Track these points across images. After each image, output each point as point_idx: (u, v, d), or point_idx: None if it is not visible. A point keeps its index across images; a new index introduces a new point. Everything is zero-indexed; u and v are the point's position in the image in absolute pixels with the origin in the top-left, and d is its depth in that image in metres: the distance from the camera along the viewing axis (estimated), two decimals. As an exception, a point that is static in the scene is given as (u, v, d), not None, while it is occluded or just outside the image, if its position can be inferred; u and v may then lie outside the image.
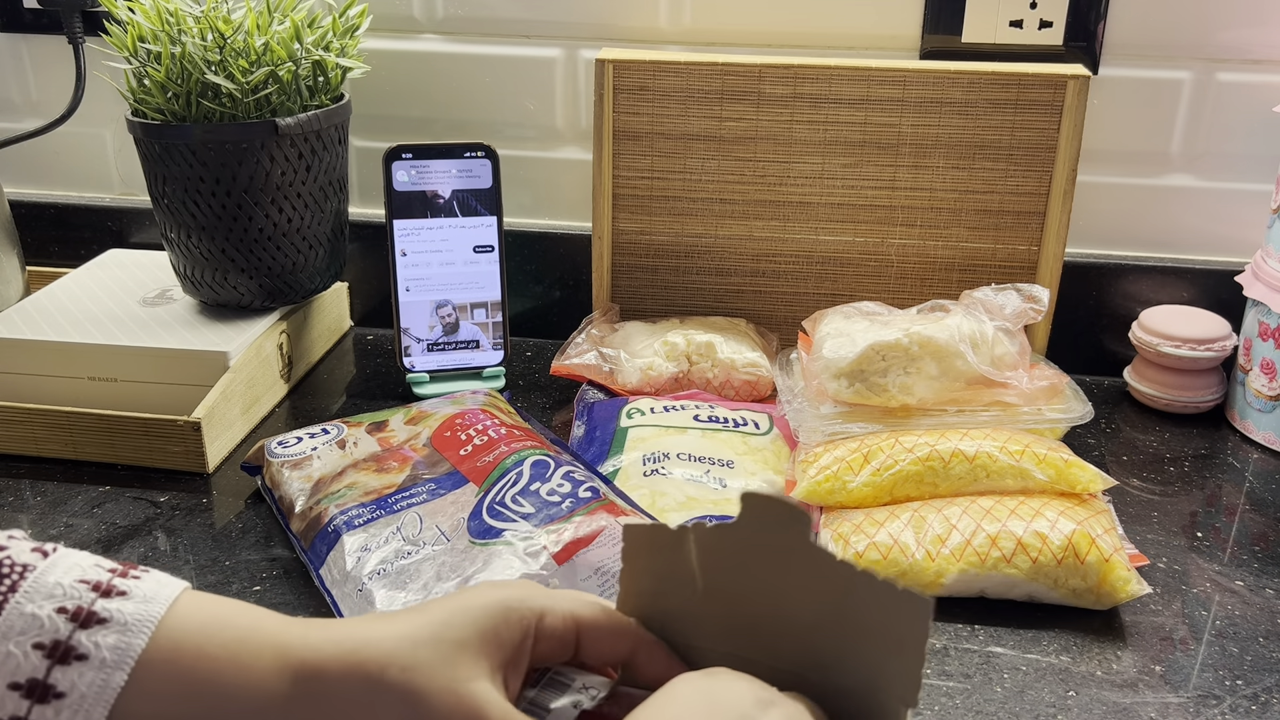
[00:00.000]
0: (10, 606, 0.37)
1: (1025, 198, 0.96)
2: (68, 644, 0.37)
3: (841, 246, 0.99)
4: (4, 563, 0.39)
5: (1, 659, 0.37)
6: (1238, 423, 0.94)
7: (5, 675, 0.37)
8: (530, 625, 0.44)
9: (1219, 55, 0.97)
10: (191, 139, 0.88)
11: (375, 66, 1.06)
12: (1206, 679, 0.65)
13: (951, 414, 0.82)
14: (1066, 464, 0.75)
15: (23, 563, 0.39)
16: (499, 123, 1.08)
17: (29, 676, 0.37)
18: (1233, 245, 1.02)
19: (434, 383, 0.98)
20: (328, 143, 0.94)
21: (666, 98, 0.96)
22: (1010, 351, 0.84)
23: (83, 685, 0.37)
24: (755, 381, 0.93)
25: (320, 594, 0.70)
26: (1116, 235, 1.03)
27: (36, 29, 1.11)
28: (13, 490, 0.83)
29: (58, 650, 0.37)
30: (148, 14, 0.89)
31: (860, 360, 0.81)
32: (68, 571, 0.39)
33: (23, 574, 0.38)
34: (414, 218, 0.96)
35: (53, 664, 0.37)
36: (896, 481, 0.75)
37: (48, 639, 0.37)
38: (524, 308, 1.10)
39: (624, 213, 1.00)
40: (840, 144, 0.96)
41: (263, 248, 0.94)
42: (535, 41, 1.05)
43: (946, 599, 0.71)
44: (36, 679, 0.37)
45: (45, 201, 1.17)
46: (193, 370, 0.90)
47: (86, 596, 0.38)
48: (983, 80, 0.93)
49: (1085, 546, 0.69)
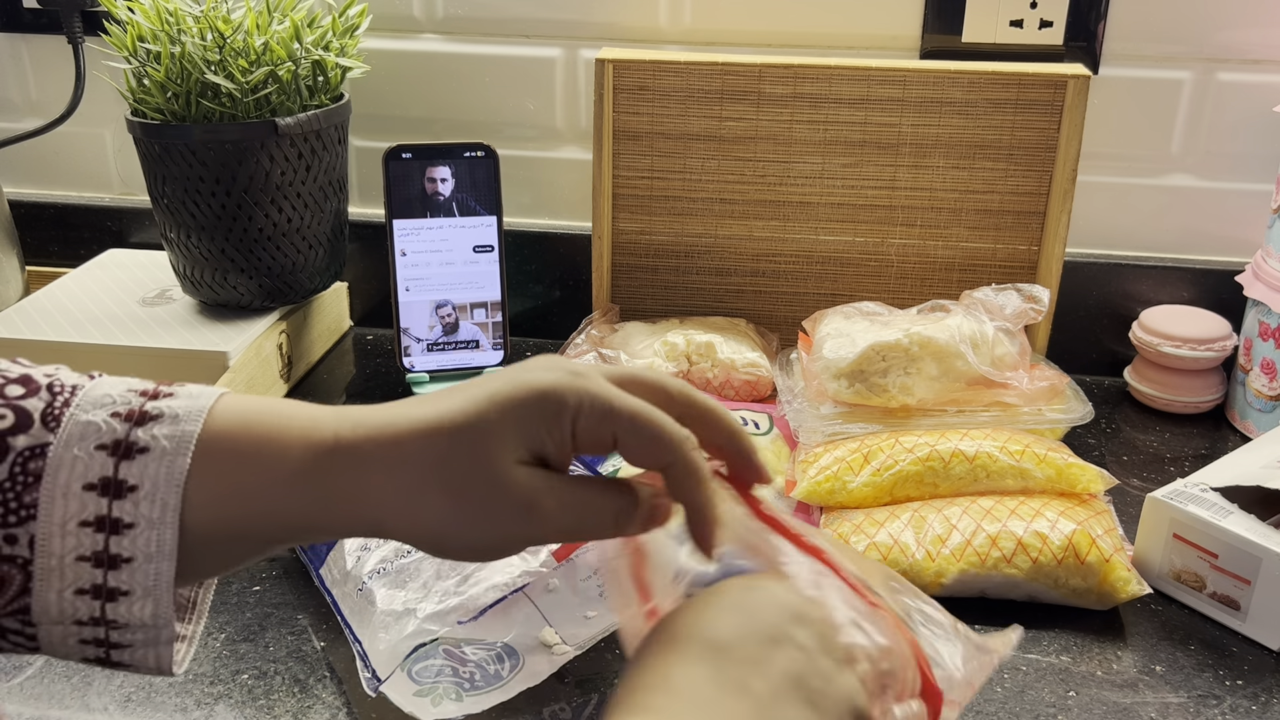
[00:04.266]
0: (68, 416, 0.40)
1: (1025, 198, 0.96)
2: (128, 441, 0.40)
3: (841, 246, 0.99)
4: (55, 384, 0.42)
5: (70, 465, 0.39)
6: (1238, 423, 0.94)
7: (78, 478, 0.39)
8: (566, 420, 0.43)
9: (1219, 55, 0.97)
10: (191, 139, 0.88)
11: (375, 66, 1.06)
12: (1206, 679, 0.65)
13: (951, 414, 0.82)
14: (1066, 464, 0.75)
15: (72, 383, 0.42)
16: (499, 123, 1.08)
17: (100, 475, 0.39)
18: (1233, 245, 1.02)
19: (434, 383, 0.98)
20: (327, 143, 0.94)
21: (666, 98, 0.96)
22: (1010, 352, 0.84)
23: (151, 474, 0.39)
24: (755, 381, 0.93)
25: (320, 594, 0.70)
26: (1116, 235, 1.03)
27: (36, 29, 1.11)
28: (12, 490, 0.83)
29: (119, 448, 0.40)
30: (147, 14, 0.89)
31: (860, 360, 0.81)
32: (114, 385, 0.42)
33: (74, 391, 0.41)
34: (414, 218, 0.96)
35: (118, 460, 0.39)
36: (896, 482, 0.75)
37: (108, 439, 0.40)
38: (524, 308, 1.10)
39: (624, 213, 1.00)
40: (840, 144, 0.96)
41: (262, 248, 0.94)
42: (535, 41, 1.05)
43: (947, 599, 0.70)
44: (108, 476, 0.39)
45: (45, 201, 1.16)
46: (193, 370, 0.90)
47: (136, 401, 0.41)
48: (983, 80, 0.93)
49: (1085, 547, 0.69)
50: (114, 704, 0.62)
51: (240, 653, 0.67)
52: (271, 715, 0.62)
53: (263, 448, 0.41)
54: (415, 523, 0.42)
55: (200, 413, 0.41)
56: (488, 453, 0.41)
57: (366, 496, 0.41)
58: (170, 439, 0.40)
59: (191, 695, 0.63)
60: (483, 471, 0.41)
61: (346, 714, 0.62)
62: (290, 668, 0.65)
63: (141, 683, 0.64)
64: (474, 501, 0.41)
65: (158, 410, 0.41)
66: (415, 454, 0.41)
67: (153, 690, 0.63)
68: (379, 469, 0.41)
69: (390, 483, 0.41)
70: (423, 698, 0.58)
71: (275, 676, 0.65)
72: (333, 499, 0.41)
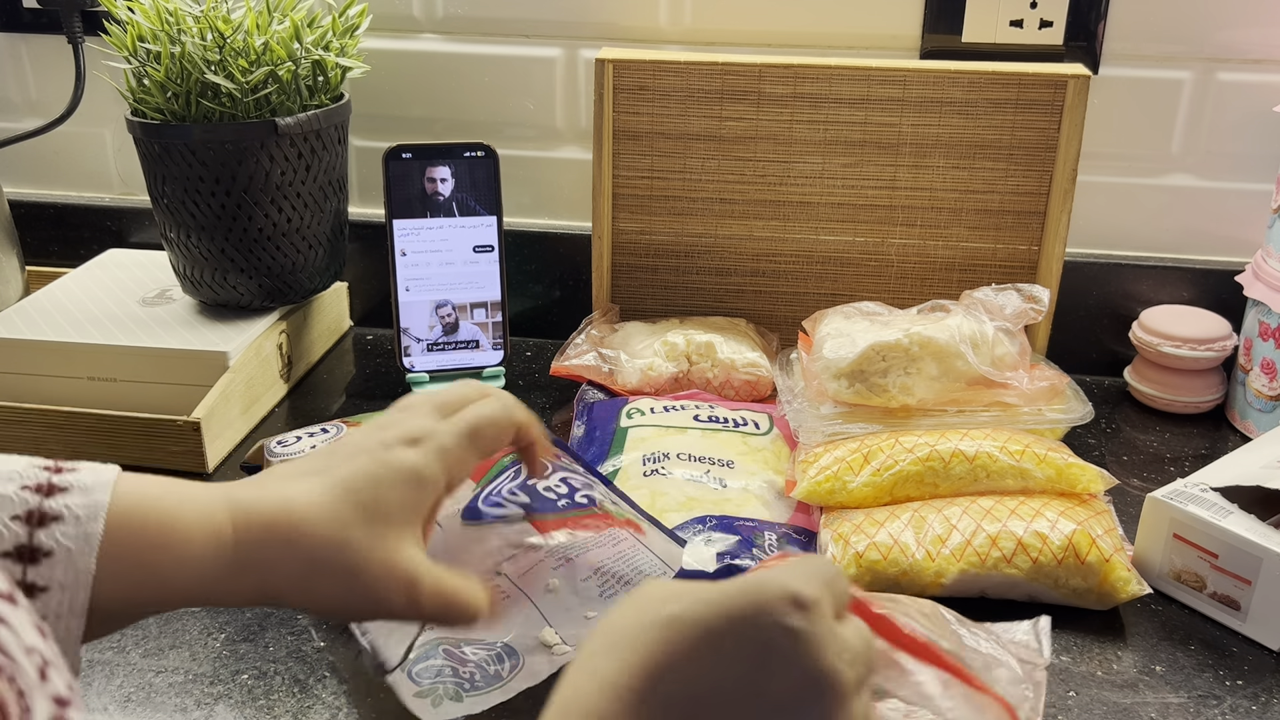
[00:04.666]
0: None
1: (1025, 198, 0.96)
2: (40, 510, 0.42)
3: (842, 246, 0.99)
4: None
5: None
6: (1238, 423, 0.94)
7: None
8: (440, 487, 0.50)
9: (1219, 55, 0.97)
10: (191, 139, 0.88)
11: (375, 66, 1.06)
12: (1206, 679, 0.65)
13: (951, 414, 0.82)
14: (1066, 464, 0.75)
15: None
16: (499, 123, 1.08)
17: (15, 544, 0.42)
18: (1233, 245, 1.02)
19: (434, 383, 0.98)
20: (327, 142, 0.94)
21: (666, 98, 0.96)
22: (1010, 352, 0.84)
23: (65, 540, 0.42)
24: (755, 381, 0.93)
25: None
26: (1116, 235, 1.03)
27: (36, 29, 1.11)
28: (12, 490, 0.83)
29: (33, 518, 0.42)
30: (147, 14, 0.89)
31: (860, 360, 0.81)
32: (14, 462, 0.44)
33: None
34: (414, 217, 0.96)
35: (32, 529, 0.42)
36: (896, 482, 0.75)
37: (21, 510, 0.42)
38: (524, 308, 1.10)
39: (624, 213, 1.00)
40: (840, 144, 0.96)
41: (262, 248, 0.94)
42: (535, 41, 1.05)
43: (947, 599, 0.70)
44: (23, 544, 0.42)
45: (45, 201, 1.16)
46: (192, 370, 0.90)
47: (43, 475, 0.43)
48: (983, 80, 0.93)
49: (1085, 547, 0.69)
50: (114, 704, 0.62)
51: (240, 653, 0.67)
52: (271, 715, 0.62)
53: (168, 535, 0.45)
54: (311, 598, 0.47)
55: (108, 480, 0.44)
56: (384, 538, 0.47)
57: (265, 583, 0.46)
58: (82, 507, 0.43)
59: (191, 695, 0.63)
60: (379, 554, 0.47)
61: (346, 714, 0.62)
62: (290, 668, 0.65)
63: (141, 683, 0.64)
64: (367, 580, 0.47)
65: (66, 483, 0.43)
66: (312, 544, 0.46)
67: (153, 690, 0.63)
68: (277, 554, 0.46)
69: (288, 566, 0.46)
70: (423, 698, 0.58)
71: (275, 676, 0.65)
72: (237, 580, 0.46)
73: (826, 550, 0.73)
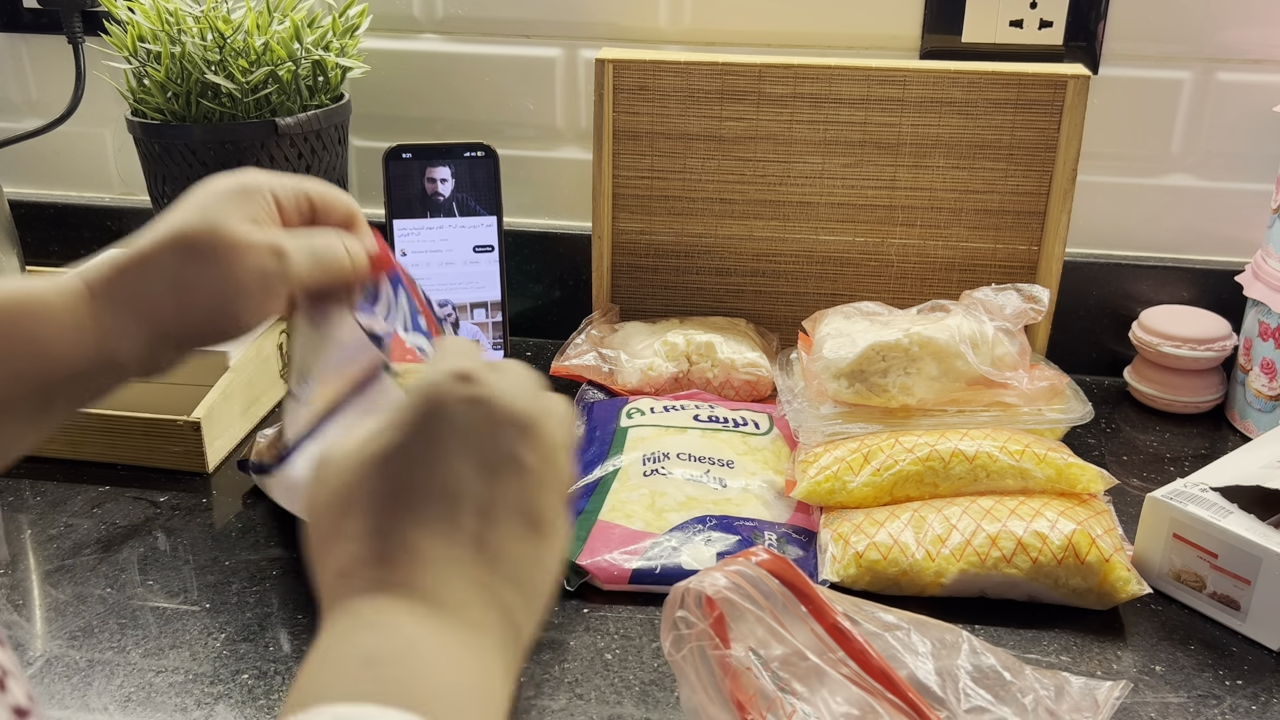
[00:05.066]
0: None
1: (1025, 198, 0.96)
2: None
3: (842, 246, 0.99)
4: None
5: None
6: (1238, 423, 0.94)
7: None
8: (266, 192, 0.54)
9: (1219, 55, 0.97)
10: (191, 139, 0.88)
11: (375, 66, 1.06)
12: (1206, 679, 0.65)
13: (951, 414, 0.82)
14: (1066, 464, 0.75)
15: None
16: (499, 123, 1.08)
17: None
18: (1233, 245, 1.02)
19: (434, 383, 0.97)
20: (328, 142, 0.94)
21: (666, 98, 0.96)
22: (1010, 352, 0.84)
23: None
24: (755, 381, 0.93)
25: (320, 594, 0.70)
26: (1116, 235, 1.03)
27: (36, 29, 1.11)
28: (13, 490, 0.83)
29: None
30: (148, 14, 0.89)
31: (860, 360, 0.81)
32: None
33: None
34: (414, 218, 0.96)
35: None
36: (896, 481, 0.75)
37: None
38: (524, 308, 1.10)
39: (624, 213, 1.00)
40: (840, 144, 0.96)
41: (263, 248, 0.94)
42: (535, 41, 1.05)
43: (947, 599, 0.71)
44: None
45: (45, 201, 1.16)
46: (193, 370, 0.89)
47: None
48: (983, 80, 0.93)
49: (1085, 546, 0.69)
50: (114, 704, 0.62)
51: (240, 653, 0.67)
52: (271, 715, 0.62)
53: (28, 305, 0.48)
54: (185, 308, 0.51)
55: None
56: (225, 224, 0.51)
57: (139, 315, 0.50)
58: None
59: (191, 695, 0.63)
60: (226, 237, 0.51)
61: (346, 714, 0.62)
62: (290, 668, 0.65)
63: (141, 683, 0.64)
64: (235, 255, 0.50)
65: None
66: (168, 253, 0.50)
67: (153, 690, 0.63)
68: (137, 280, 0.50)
69: (152, 282, 0.50)
70: None
71: (275, 676, 0.65)
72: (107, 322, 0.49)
73: (827, 550, 0.73)
